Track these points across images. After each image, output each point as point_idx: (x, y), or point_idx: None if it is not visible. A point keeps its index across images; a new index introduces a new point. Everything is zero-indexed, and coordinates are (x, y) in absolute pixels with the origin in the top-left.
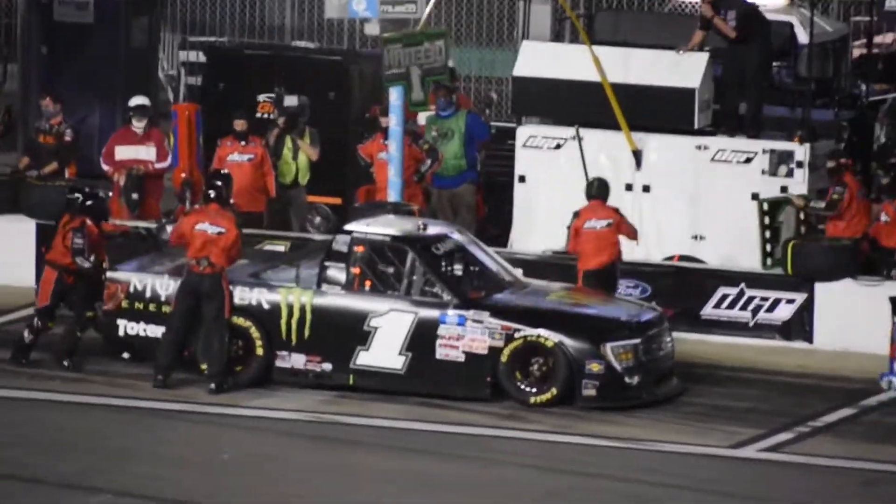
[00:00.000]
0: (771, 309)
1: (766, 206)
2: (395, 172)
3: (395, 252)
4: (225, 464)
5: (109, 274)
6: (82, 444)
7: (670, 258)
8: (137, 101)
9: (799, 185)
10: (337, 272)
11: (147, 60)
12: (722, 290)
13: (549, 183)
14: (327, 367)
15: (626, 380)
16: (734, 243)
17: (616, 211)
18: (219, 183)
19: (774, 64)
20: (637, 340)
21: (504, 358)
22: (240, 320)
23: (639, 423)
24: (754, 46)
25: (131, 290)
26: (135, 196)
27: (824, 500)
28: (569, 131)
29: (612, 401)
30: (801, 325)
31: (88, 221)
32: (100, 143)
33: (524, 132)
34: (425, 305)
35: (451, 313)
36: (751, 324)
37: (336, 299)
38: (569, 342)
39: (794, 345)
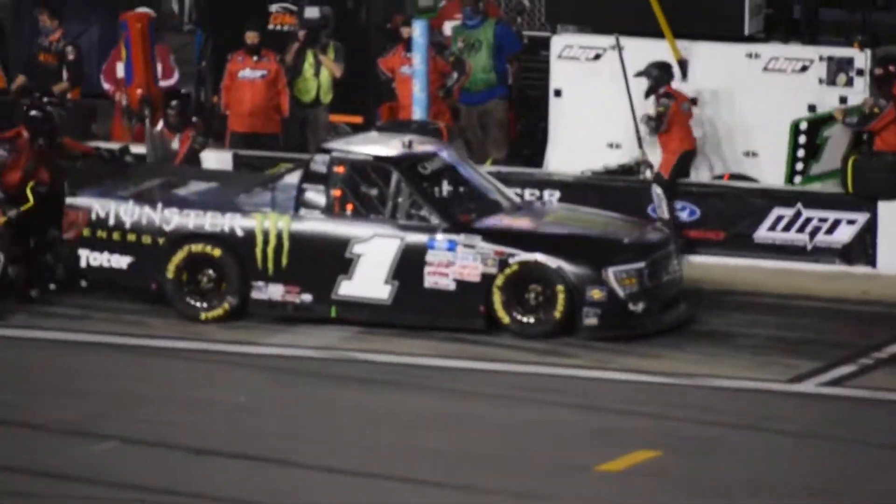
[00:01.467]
0: (830, 231)
1: (803, 126)
2: (419, 87)
3: (378, 172)
4: (242, 407)
5: (69, 200)
6: (87, 386)
7: (720, 177)
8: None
9: (859, 94)
10: (316, 195)
11: None
12: (777, 212)
13: (588, 97)
14: (307, 298)
15: (631, 307)
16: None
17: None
18: (175, 103)
19: None
20: (641, 264)
21: (498, 285)
22: (211, 249)
23: (689, 357)
24: None
25: (93, 217)
26: (134, 121)
27: (889, 437)
28: (608, 40)
29: (615, 329)
30: (863, 248)
31: (24, 133)
32: (99, 59)
33: (559, 42)
34: (412, 230)
35: (440, 238)
36: (809, 247)
37: (315, 224)
38: (568, 267)
39: (856, 269)
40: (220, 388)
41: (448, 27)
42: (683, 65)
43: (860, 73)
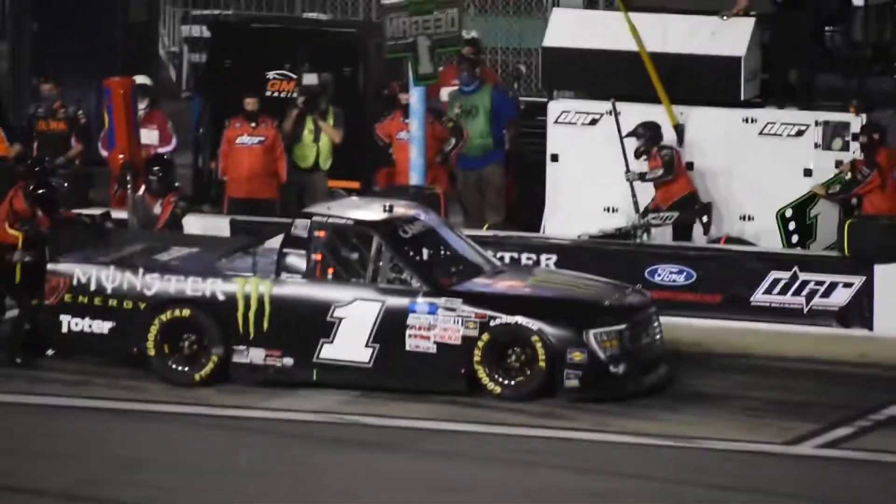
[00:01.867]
0: (827, 294)
1: (789, 213)
2: (417, 153)
3: (358, 237)
4: (240, 471)
5: (50, 266)
6: (86, 451)
7: (717, 240)
8: (138, 80)
9: (855, 158)
10: (297, 259)
11: (147, 36)
12: (773, 275)
13: (584, 162)
14: (288, 361)
15: (612, 369)
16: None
17: None
18: (157, 168)
19: (827, 29)
20: (622, 326)
21: (479, 348)
22: (192, 313)
23: (685, 420)
24: (805, 10)
25: (74, 283)
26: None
27: (886, 500)
28: (604, 105)
29: (596, 391)
30: (859, 311)
31: (40, 213)
32: (97, 126)
33: (556, 107)
34: (393, 293)
35: (421, 301)
36: (805, 310)
37: (296, 288)
38: (549, 330)
39: (853, 332)
40: (217, 452)
41: (445, 93)
42: (680, 130)
43: (855, 137)
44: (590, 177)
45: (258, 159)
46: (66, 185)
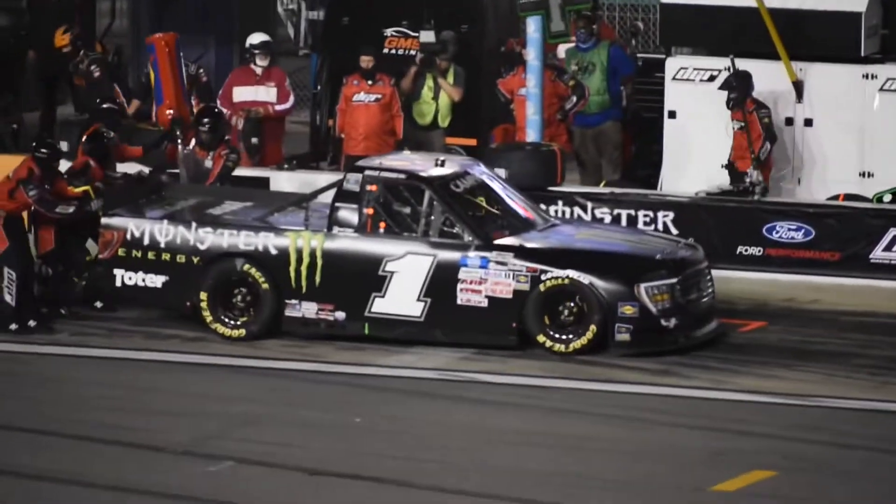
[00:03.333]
0: None
1: (887, 198)
2: (533, 110)
3: (410, 191)
4: (357, 427)
5: (104, 220)
6: (204, 408)
7: (835, 197)
8: (259, 38)
9: None
10: (349, 213)
11: None
12: (893, 232)
13: (702, 118)
14: (340, 315)
15: (663, 322)
16: None
17: None
18: (207, 121)
19: None
20: (674, 280)
21: (530, 302)
22: (245, 267)
23: (806, 378)
24: None
25: (128, 237)
26: (254, 140)
27: None
28: (723, 62)
29: (647, 346)
30: None
31: (92, 163)
32: (216, 84)
33: (674, 64)
34: (444, 247)
35: (473, 255)
36: None
37: (348, 243)
38: (600, 283)
39: None
40: (334, 408)
41: (562, 50)
42: (799, 86)
43: None
44: (707, 133)
45: (375, 116)
46: (113, 135)
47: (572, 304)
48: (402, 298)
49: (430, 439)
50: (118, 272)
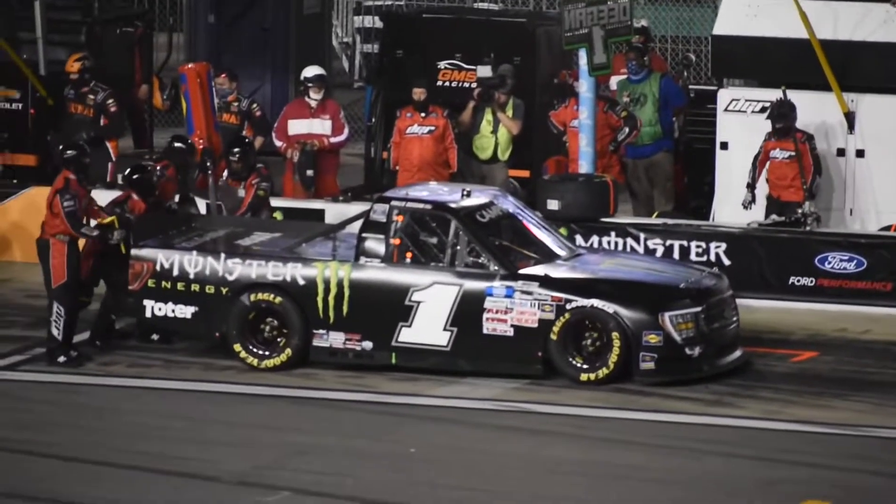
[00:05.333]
0: None
1: None
2: (586, 142)
3: (437, 221)
4: (410, 457)
5: (134, 251)
6: (259, 438)
7: (887, 228)
8: (313, 71)
9: None
10: (376, 244)
11: (320, 27)
12: None
13: (754, 149)
14: (368, 345)
15: (687, 351)
16: None
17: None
18: (237, 150)
19: None
20: (698, 309)
21: (555, 331)
22: (273, 297)
23: (857, 407)
24: None
25: (157, 268)
26: (309, 173)
27: None
28: (775, 93)
29: (672, 374)
30: None
31: (134, 196)
32: (271, 117)
33: (726, 95)
34: (470, 277)
35: (498, 285)
36: None
37: (375, 273)
38: (624, 312)
39: None
40: (387, 438)
41: (614, 82)
42: (850, 117)
43: None
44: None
45: (428, 149)
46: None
47: (596, 334)
48: (428, 328)
49: (483, 469)
50: (148, 303)
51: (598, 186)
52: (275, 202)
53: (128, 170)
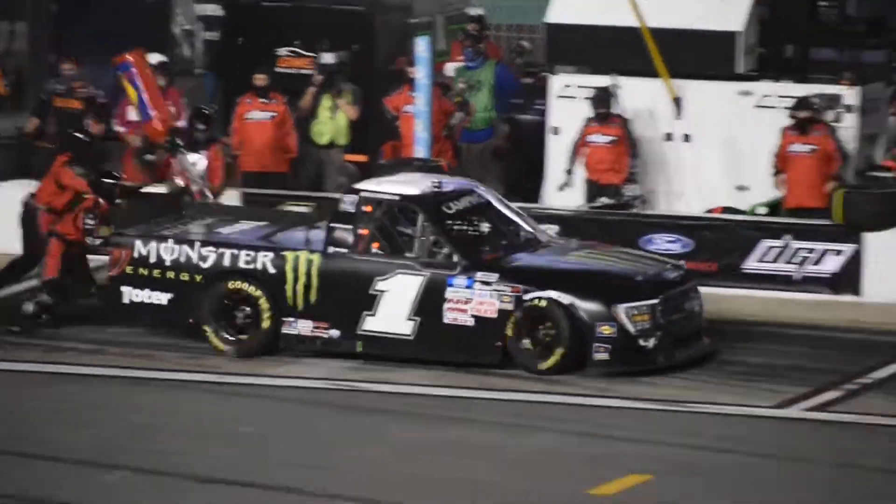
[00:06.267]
0: (818, 261)
1: (762, 211)
2: (422, 127)
3: (403, 212)
4: (249, 436)
5: (113, 238)
6: (100, 419)
7: (712, 210)
8: (156, 58)
9: (849, 130)
10: (344, 234)
11: (162, 15)
12: (766, 243)
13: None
14: (335, 333)
15: (641, 342)
16: (780, 194)
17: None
18: (201, 121)
19: (822, 3)
20: (654, 301)
21: (512, 322)
22: (245, 285)
23: (679, 385)
24: None
25: (135, 255)
26: (149, 157)
27: (873, 461)
28: (605, 80)
29: (626, 365)
30: (849, 278)
31: (101, 202)
32: (113, 103)
33: (558, 82)
34: (433, 267)
35: (459, 275)
36: (797, 277)
37: (342, 262)
38: (579, 304)
39: (843, 298)
40: (228, 418)
41: (450, 68)
42: (678, 103)
43: (849, 109)
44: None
45: (269, 134)
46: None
47: (552, 324)
48: (392, 317)
49: (320, 447)
50: (126, 289)
51: (433, 171)
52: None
53: (96, 175)
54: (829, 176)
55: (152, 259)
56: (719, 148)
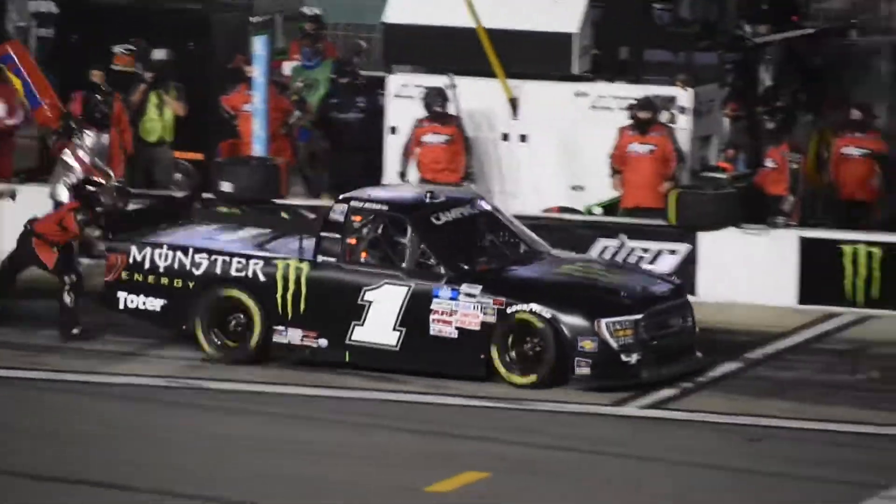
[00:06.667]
0: (653, 261)
1: (597, 211)
2: (259, 125)
3: (392, 222)
4: (86, 434)
5: (110, 244)
6: None
7: (548, 210)
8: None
9: (683, 131)
10: (332, 243)
11: None
12: (602, 242)
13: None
14: (323, 342)
15: (623, 358)
16: (615, 193)
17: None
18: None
19: (656, 6)
20: (638, 316)
21: (495, 335)
22: (237, 293)
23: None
24: None
25: (130, 260)
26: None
27: (708, 458)
28: (442, 79)
29: (607, 380)
30: (684, 278)
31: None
32: None
33: (395, 81)
34: (419, 278)
35: (444, 287)
36: None
37: (331, 272)
38: (562, 318)
39: None
40: (61, 416)
41: (287, 67)
42: (514, 103)
43: (683, 110)
44: None
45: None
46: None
47: (535, 337)
48: (379, 327)
49: (158, 445)
50: (121, 295)
51: (270, 169)
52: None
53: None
54: (666, 176)
55: (147, 265)
56: (555, 148)
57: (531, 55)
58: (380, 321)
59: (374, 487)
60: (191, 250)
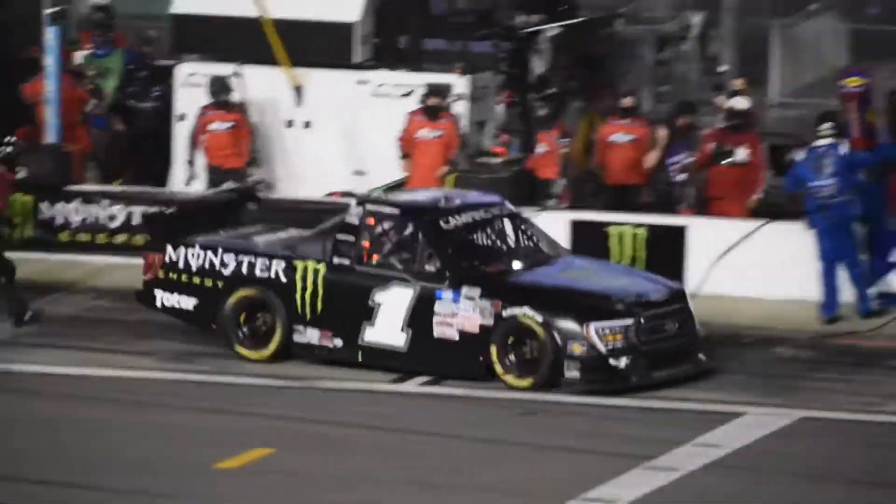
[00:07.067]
0: None
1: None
2: (52, 113)
3: (403, 225)
4: None
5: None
6: None
7: (332, 194)
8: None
9: (460, 117)
10: (347, 245)
11: None
12: None
13: None
14: (338, 342)
15: (612, 362)
16: (397, 177)
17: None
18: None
19: None
20: (629, 321)
21: (494, 337)
22: (261, 293)
23: (305, 364)
24: None
25: (166, 260)
26: None
27: (481, 431)
28: (229, 68)
29: (597, 384)
30: None
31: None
32: None
33: (183, 70)
34: (425, 281)
35: (447, 290)
36: None
37: (344, 273)
38: (554, 321)
39: None
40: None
41: (79, 56)
42: (299, 91)
43: (460, 97)
44: None
45: None
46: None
47: (530, 340)
48: (388, 328)
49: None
50: (158, 293)
51: (61, 156)
52: None
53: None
54: (447, 161)
55: (181, 265)
56: (339, 134)
57: (315, 44)
58: (389, 323)
59: (164, 464)
60: (220, 251)
